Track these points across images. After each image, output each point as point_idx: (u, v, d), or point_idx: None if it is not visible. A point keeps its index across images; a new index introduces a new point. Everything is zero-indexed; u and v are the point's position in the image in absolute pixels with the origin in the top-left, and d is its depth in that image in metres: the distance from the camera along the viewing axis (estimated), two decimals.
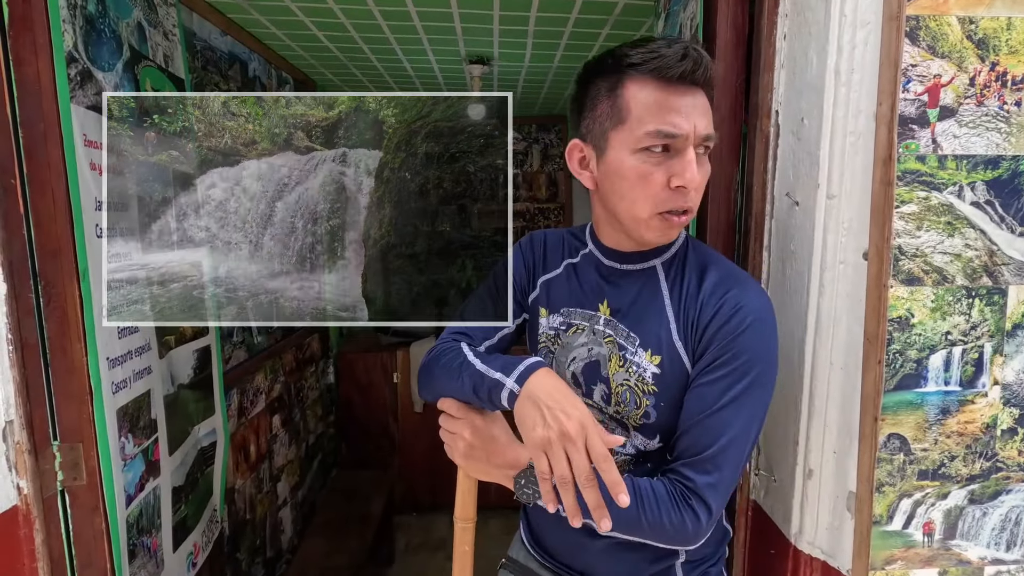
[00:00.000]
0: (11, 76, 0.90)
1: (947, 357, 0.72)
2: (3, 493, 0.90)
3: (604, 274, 0.85)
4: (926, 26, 0.67)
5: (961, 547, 0.75)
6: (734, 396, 0.71)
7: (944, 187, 0.69)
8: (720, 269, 0.78)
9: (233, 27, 1.93)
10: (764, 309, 0.73)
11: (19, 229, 0.92)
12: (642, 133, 0.70)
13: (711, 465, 0.71)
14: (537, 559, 0.94)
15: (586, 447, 0.67)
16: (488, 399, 0.76)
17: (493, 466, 0.78)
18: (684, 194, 0.72)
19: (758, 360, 0.71)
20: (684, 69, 0.68)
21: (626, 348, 0.80)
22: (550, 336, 0.88)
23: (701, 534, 0.72)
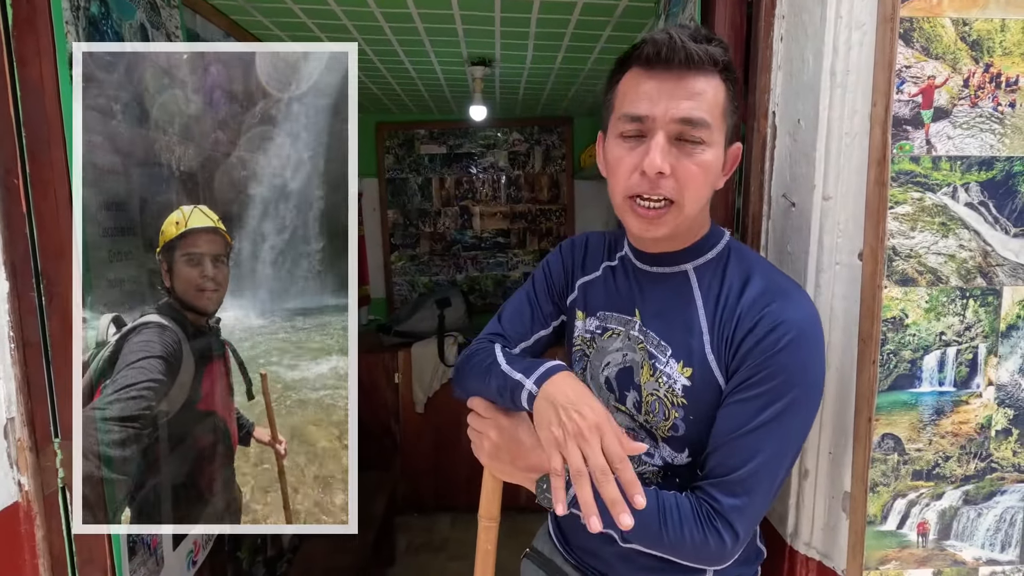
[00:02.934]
0: (15, 77, 0.91)
1: (941, 357, 0.72)
2: (4, 490, 0.90)
3: (637, 278, 0.83)
4: (920, 28, 0.67)
5: (956, 547, 0.75)
6: (768, 418, 0.67)
7: (938, 188, 0.70)
8: (764, 279, 0.72)
9: (236, 29, 1.94)
10: (808, 324, 0.68)
11: (22, 229, 0.93)
12: (617, 118, 0.72)
13: (740, 488, 0.68)
14: (562, 554, 0.94)
15: (602, 448, 0.65)
16: (511, 399, 0.76)
17: (517, 468, 0.77)
18: (652, 180, 0.68)
19: (796, 381, 0.67)
20: (651, 53, 0.68)
21: (657, 357, 0.77)
22: (586, 339, 0.87)
23: (726, 556, 0.70)
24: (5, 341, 0.90)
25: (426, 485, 2.95)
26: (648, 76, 0.69)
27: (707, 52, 0.68)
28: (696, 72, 0.68)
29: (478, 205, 3.61)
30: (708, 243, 0.78)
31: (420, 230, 3.62)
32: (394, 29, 2.01)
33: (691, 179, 0.69)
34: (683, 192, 0.69)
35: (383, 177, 3.58)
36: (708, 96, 0.68)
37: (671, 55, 0.67)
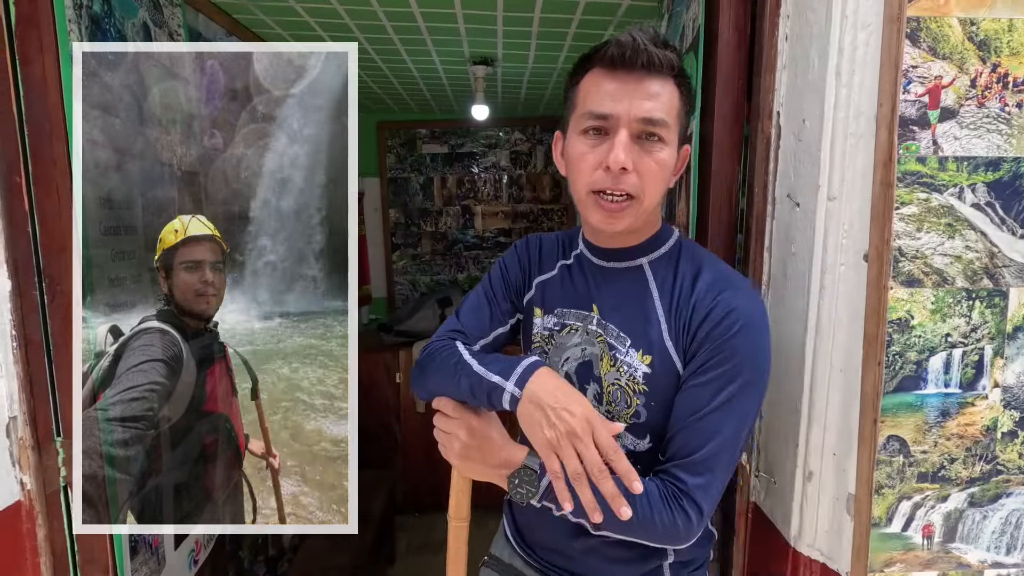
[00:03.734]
0: (17, 75, 0.91)
1: (947, 359, 0.72)
2: (6, 489, 0.90)
3: (594, 274, 0.86)
4: (927, 27, 0.67)
5: (961, 550, 0.75)
6: (724, 399, 0.71)
7: (944, 189, 0.69)
8: (714, 271, 0.78)
9: (238, 28, 1.94)
10: (756, 313, 0.74)
11: (24, 226, 0.93)
12: (580, 115, 0.75)
13: (702, 467, 0.72)
14: (522, 556, 0.94)
15: (594, 442, 0.68)
16: (487, 401, 0.77)
17: (489, 466, 0.78)
18: (615, 176, 0.72)
19: (748, 364, 0.72)
20: (616, 54, 0.71)
21: (616, 348, 0.80)
22: (544, 336, 0.89)
23: (692, 534, 0.73)
24: (7, 339, 0.90)
25: (426, 485, 2.95)
26: (611, 77, 0.72)
27: (666, 57, 0.72)
28: (655, 75, 0.72)
29: (480, 204, 3.61)
30: (660, 239, 0.83)
31: (422, 229, 3.62)
32: (396, 28, 2.00)
33: (651, 175, 0.73)
34: (644, 187, 0.74)
35: (385, 176, 3.58)
36: (665, 98, 0.73)
37: (634, 57, 0.70)
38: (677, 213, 1.30)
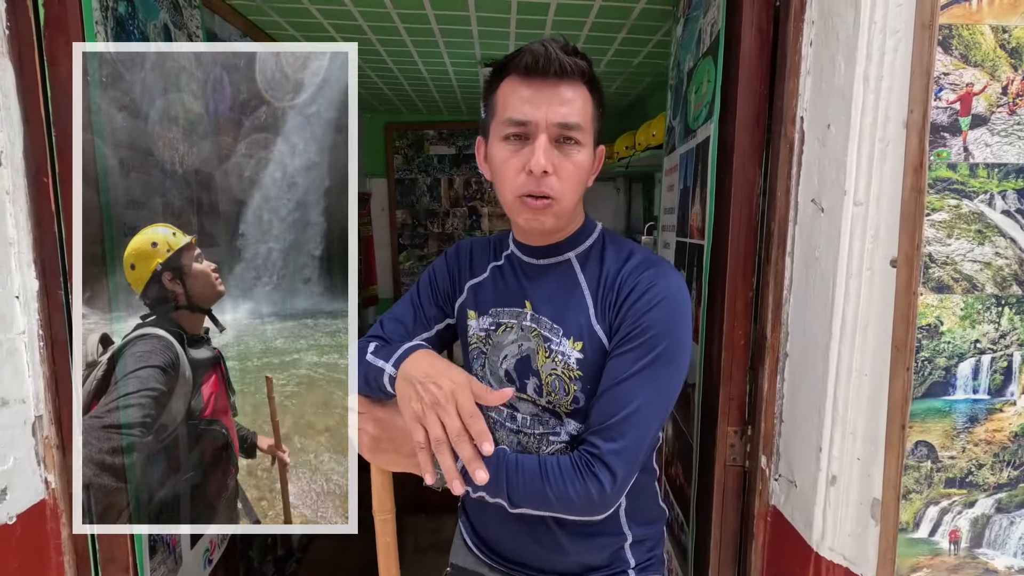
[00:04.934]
0: (45, 76, 0.92)
1: (976, 365, 0.72)
2: (31, 487, 0.91)
3: (525, 271, 0.89)
4: (959, 35, 0.67)
5: (988, 556, 0.75)
6: (641, 367, 0.74)
7: (975, 195, 0.70)
8: (641, 255, 0.83)
9: (253, 29, 1.94)
10: (677, 289, 0.78)
11: (50, 227, 0.93)
12: (500, 122, 0.78)
13: (616, 432, 0.74)
14: (487, 562, 0.95)
15: (457, 411, 0.70)
16: (377, 387, 0.80)
17: (402, 455, 0.80)
18: (537, 179, 0.75)
19: (666, 335, 0.75)
20: (530, 62, 0.74)
21: (551, 339, 0.83)
22: (481, 337, 0.91)
23: (608, 500, 0.74)
24: (35, 339, 0.90)
25: None
26: (526, 84, 0.76)
27: (576, 64, 0.76)
28: (568, 81, 0.76)
29: (486, 206, 3.62)
30: (584, 233, 0.87)
31: (428, 230, 3.63)
32: (409, 30, 2.01)
33: (569, 177, 0.78)
34: (563, 189, 0.77)
35: (392, 177, 3.58)
36: (579, 104, 0.77)
37: (547, 65, 0.74)
38: (691, 216, 1.31)
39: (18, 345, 0.89)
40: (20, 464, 0.89)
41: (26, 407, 0.90)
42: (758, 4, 1.00)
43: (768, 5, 1.00)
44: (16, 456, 0.88)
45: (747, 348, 1.05)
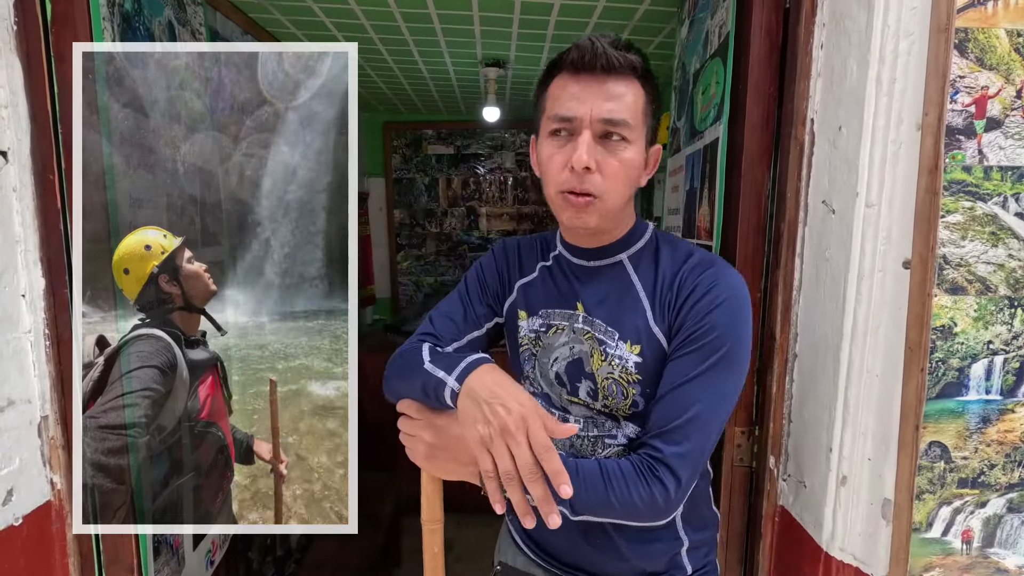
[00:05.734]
0: (52, 73, 0.91)
1: (988, 366, 0.73)
2: (37, 488, 0.90)
3: (575, 273, 0.87)
4: (975, 38, 0.68)
5: (999, 555, 0.76)
6: (704, 370, 0.72)
7: (989, 198, 0.70)
8: (699, 255, 0.80)
9: (254, 27, 1.93)
10: (738, 288, 0.75)
11: (56, 225, 0.92)
12: (547, 119, 0.78)
13: (679, 435, 0.72)
14: (539, 563, 0.93)
15: (528, 440, 0.66)
16: (435, 398, 0.76)
17: (460, 464, 0.76)
18: (579, 175, 0.74)
19: (728, 337, 0.73)
20: (576, 58, 0.73)
21: (606, 343, 0.81)
22: (531, 338, 0.89)
23: (672, 505, 0.72)
24: (40, 338, 0.89)
25: None
26: (574, 80, 0.75)
27: (626, 59, 0.74)
28: (617, 77, 0.74)
29: (485, 206, 3.61)
30: (636, 234, 0.85)
31: (426, 230, 3.62)
32: (412, 29, 2.00)
33: (614, 174, 0.75)
34: (607, 186, 0.75)
35: (390, 177, 3.57)
36: (628, 99, 0.74)
37: (594, 60, 0.73)
38: (698, 217, 1.31)
39: (24, 344, 0.88)
40: (26, 465, 0.88)
41: (32, 407, 0.89)
42: (768, 6, 1.00)
43: (778, 7, 1.00)
44: (22, 457, 0.87)
45: (755, 349, 1.06)
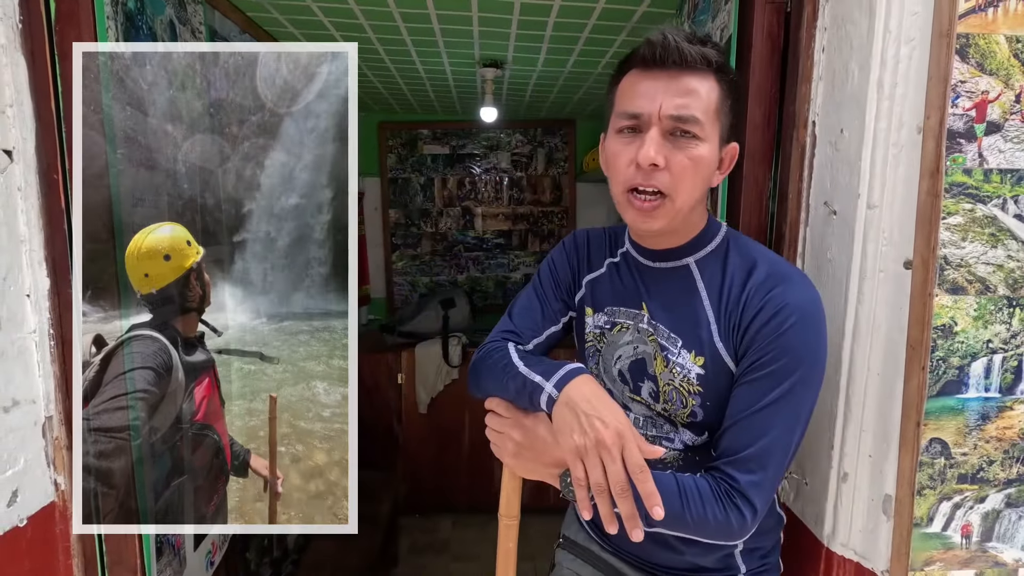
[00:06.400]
0: (56, 71, 0.90)
1: (988, 364, 0.74)
2: (41, 489, 0.89)
3: (641, 273, 0.86)
4: (975, 44, 0.69)
5: (997, 549, 0.78)
6: (777, 397, 0.71)
7: (989, 200, 0.72)
8: (767, 266, 0.77)
9: (251, 26, 1.93)
10: (810, 304, 0.73)
11: (60, 224, 0.92)
12: (616, 116, 0.77)
13: (755, 464, 0.71)
14: (598, 542, 0.95)
15: (622, 457, 0.67)
16: (529, 401, 0.78)
17: (542, 464, 0.79)
18: (646, 172, 0.72)
19: (801, 361, 0.71)
20: (648, 54, 0.72)
21: (668, 349, 0.81)
22: (596, 335, 0.90)
23: (745, 531, 0.73)
24: (45, 339, 0.89)
25: (428, 486, 2.94)
26: (645, 76, 0.73)
27: (701, 53, 0.72)
28: (690, 72, 0.72)
29: (480, 206, 3.61)
30: (707, 236, 0.82)
31: (422, 230, 3.62)
32: (410, 29, 2.00)
33: (683, 172, 0.73)
34: (675, 185, 0.73)
35: (385, 176, 3.57)
36: (701, 94, 0.72)
37: (666, 55, 0.71)
38: None
39: (28, 344, 0.87)
40: (30, 466, 0.87)
41: (36, 407, 0.88)
42: (769, 10, 1.02)
43: (779, 10, 1.02)
44: (27, 457, 0.86)
45: None
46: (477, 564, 2.59)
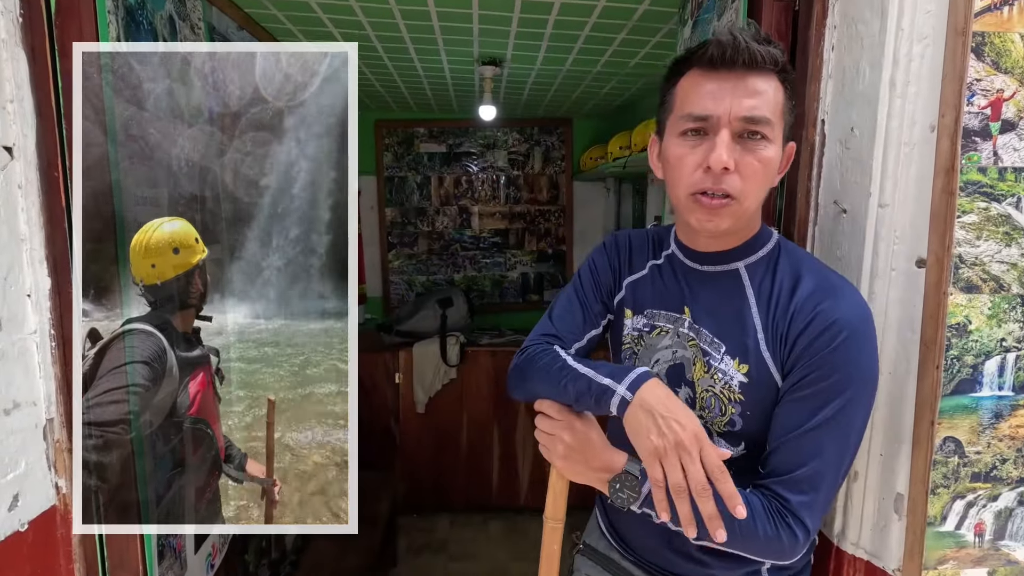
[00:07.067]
0: (56, 66, 0.88)
1: (1001, 363, 0.74)
2: (42, 493, 0.88)
3: (687, 276, 0.84)
4: (991, 42, 0.69)
5: (1010, 547, 0.78)
6: (827, 416, 0.69)
7: (1003, 198, 0.72)
8: (815, 277, 0.75)
9: (249, 22, 1.91)
10: (860, 321, 0.71)
11: (61, 223, 0.90)
12: (679, 117, 0.74)
13: (806, 485, 0.70)
14: (619, 551, 0.94)
15: (701, 458, 0.67)
16: (595, 404, 0.76)
17: (590, 469, 0.78)
18: (716, 176, 0.71)
19: (852, 379, 0.70)
20: (716, 54, 0.70)
21: (710, 354, 0.79)
22: (634, 337, 0.88)
23: (797, 551, 0.71)
24: (46, 339, 0.87)
25: (426, 486, 2.93)
26: (710, 77, 0.72)
27: (769, 53, 0.71)
28: (758, 72, 0.71)
29: (477, 205, 3.60)
30: (759, 241, 0.80)
31: (418, 229, 3.60)
32: (409, 26, 1.99)
33: (754, 174, 0.72)
34: (745, 188, 0.72)
35: (381, 175, 3.55)
36: (769, 95, 0.71)
37: (735, 56, 0.70)
38: None
39: (29, 345, 0.86)
40: (32, 469, 0.85)
41: (37, 410, 0.87)
42: (777, 8, 1.02)
43: (787, 9, 1.01)
44: (28, 461, 0.85)
45: None
46: (475, 563, 2.58)
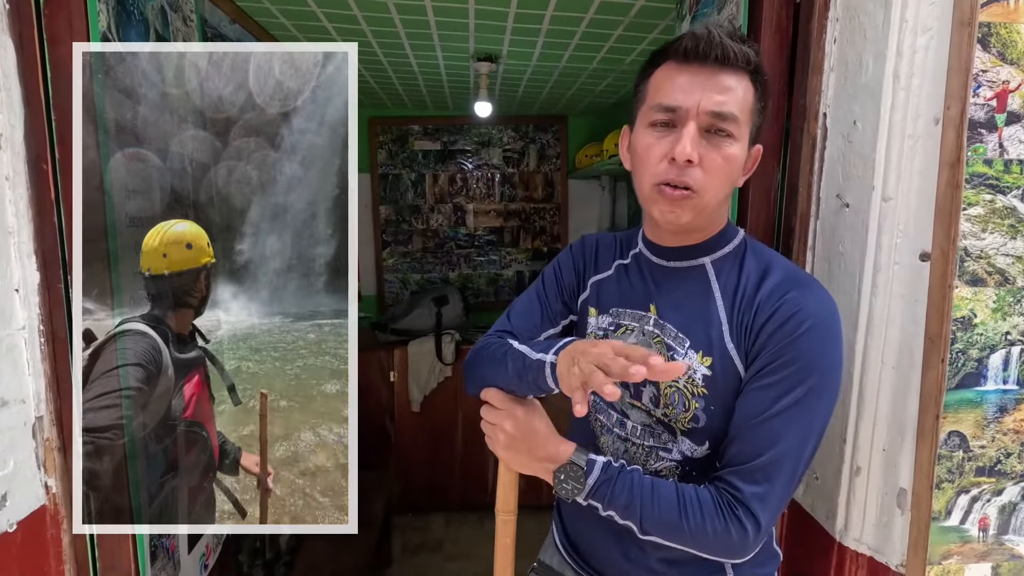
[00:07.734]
0: (45, 57, 0.86)
1: (1006, 356, 0.74)
2: (31, 492, 0.86)
3: (653, 273, 0.84)
4: (997, 33, 0.69)
5: (1014, 542, 0.77)
6: (788, 404, 0.68)
7: (1009, 191, 0.71)
8: (782, 271, 0.76)
9: (241, 16, 1.88)
10: (826, 313, 0.71)
11: (50, 217, 0.88)
12: (649, 108, 0.74)
13: (761, 475, 0.69)
14: (573, 567, 0.92)
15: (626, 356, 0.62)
16: (534, 382, 0.76)
17: (534, 459, 0.77)
18: (680, 168, 0.71)
19: (815, 368, 0.69)
20: (690, 47, 0.70)
21: (675, 349, 0.78)
22: (598, 336, 0.88)
23: (748, 546, 0.70)
24: (35, 335, 0.85)
25: (421, 485, 2.91)
26: (683, 69, 0.72)
27: (742, 51, 0.71)
28: (730, 69, 0.71)
29: (472, 202, 3.58)
30: (724, 238, 0.81)
31: (413, 227, 3.58)
32: (405, 22, 1.97)
33: (716, 170, 0.72)
34: (707, 182, 0.72)
35: (376, 172, 3.52)
36: (739, 93, 0.71)
37: (708, 50, 0.70)
38: None
39: (18, 341, 0.84)
40: (20, 468, 0.83)
41: (26, 407, 0.85)
42: (778, 1, 1.01)
43: (788, 2, 1.01)
44: (16, 460, 0.83)
45: None
46: (471, 563, 2.57)
